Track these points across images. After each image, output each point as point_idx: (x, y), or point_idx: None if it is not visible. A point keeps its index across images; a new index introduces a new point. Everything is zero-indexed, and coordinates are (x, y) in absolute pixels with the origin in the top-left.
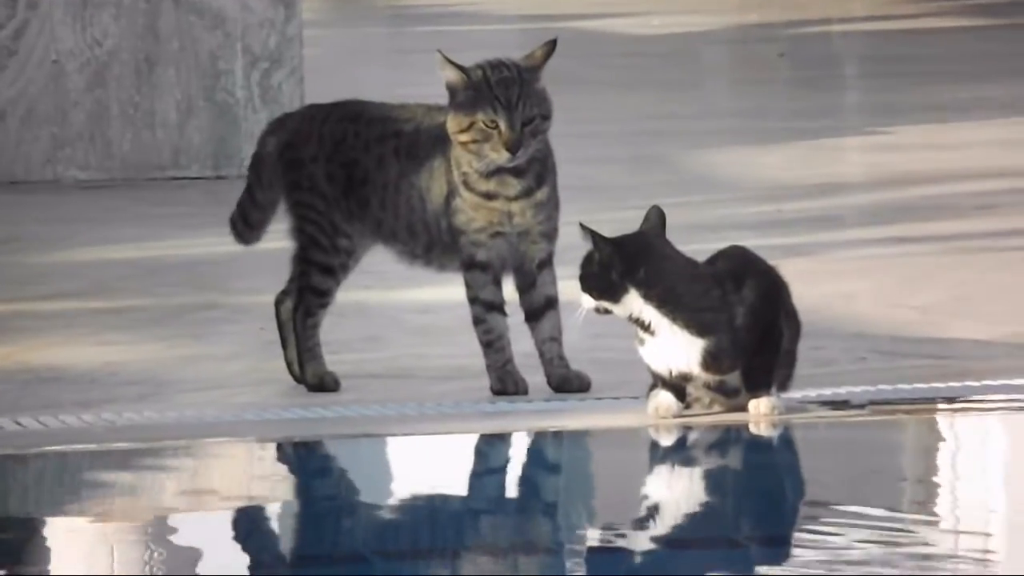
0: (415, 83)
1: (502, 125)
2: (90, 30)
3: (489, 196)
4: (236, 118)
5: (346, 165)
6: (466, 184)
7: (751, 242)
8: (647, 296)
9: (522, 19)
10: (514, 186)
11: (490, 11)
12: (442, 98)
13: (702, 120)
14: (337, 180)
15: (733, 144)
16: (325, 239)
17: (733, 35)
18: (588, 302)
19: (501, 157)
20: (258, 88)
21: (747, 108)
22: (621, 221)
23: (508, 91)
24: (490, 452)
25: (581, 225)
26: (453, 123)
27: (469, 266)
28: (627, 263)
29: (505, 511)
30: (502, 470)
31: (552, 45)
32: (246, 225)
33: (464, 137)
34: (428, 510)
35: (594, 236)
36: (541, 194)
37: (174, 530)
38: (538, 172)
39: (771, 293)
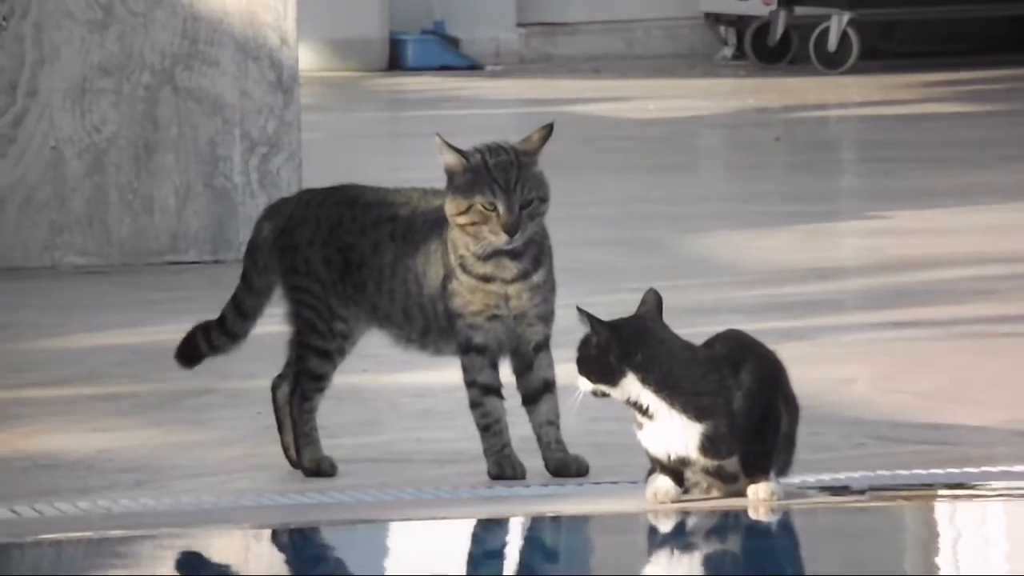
0: (413, 167)
1: (500, 208)
2: (89, 117)
3: (486, 279)
4: (234, 203)
5: (342, 249)
6: (463, 267)
7: (748, 326)
8: (645, 380)
9: (519, 103)
10: (511, 269)
11: (487, 96)
12: (439, 181)
13: (698, 204)
14: (333, 264)
15: (729, 228)
16: (322, 324)
17: (729, 120)
18: (585, 385)
19: (499, 239)
20: (256, 173)
21: (743, 192)
22: (617, 304)
23: (506, 174)
24: (487, 537)
25: (578, 309)
26: (452, 206)
27: (466, 349)
28: (624, 347)
29: None
30: (499, 555)
31: (549, 129)
32: (240, 316)
33: (463, 220)
34: None
35: (591, 320)
36: (538, 277)
37: None
38: (535, 255)
39: (769, 377)
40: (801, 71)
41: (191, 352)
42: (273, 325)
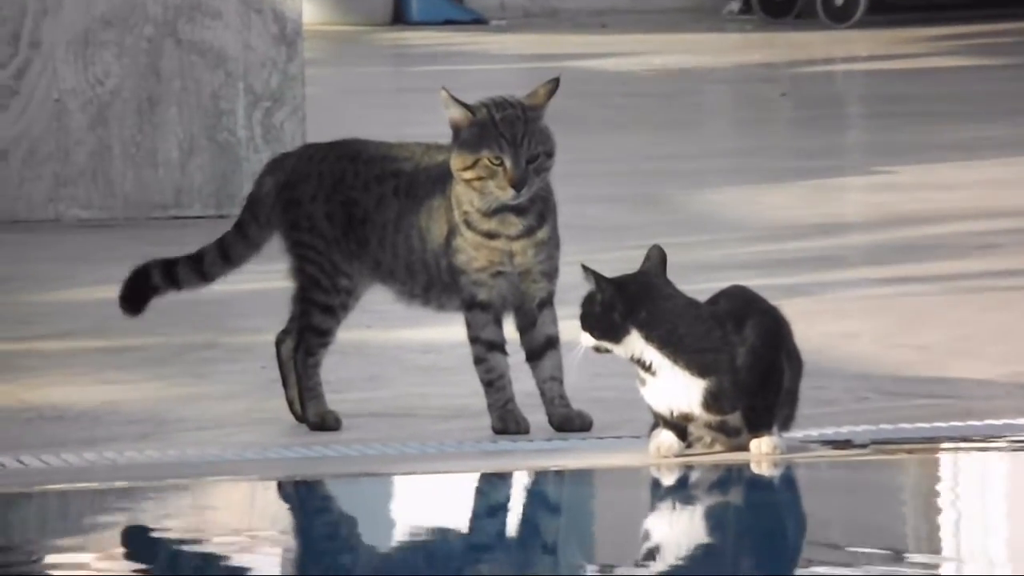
0: (417, 122)
1: (507, 163)
2: (92, 69)
3: (491, 235)
4: (238, 157)
5: (345, 204)
6: (467, 223)
7: (752, 282)
8: (648, 337)
9: (524, 59)
10: (516, 225)
11: (492, 51)
12: (444, 136)
13: (703, 159)
14: (336, 219)
15: (734, 184)
16: (325, 279)
17: (734, 75)
18: (587, 341)
19: (506, 195)
20: (260, 127)
21: (748, 147)
22: (622, 261)
23: (513, 129)
24: (491, 491)
25: (583, 266)
26: (457, 160)
27: (470, 306)
28: (629, 304)
29: (506, 550)
30: (503, 509)
31: (555, 83)
32: (223, 260)
33: (468, 175)
34: (429, 549)
35: (596, 277)
36: (542, 233)
37: (175, 568)
38: (540, 211)
39: (773, 333)
40: (808, 26)
41: (139, 290)
42: (277, 280)
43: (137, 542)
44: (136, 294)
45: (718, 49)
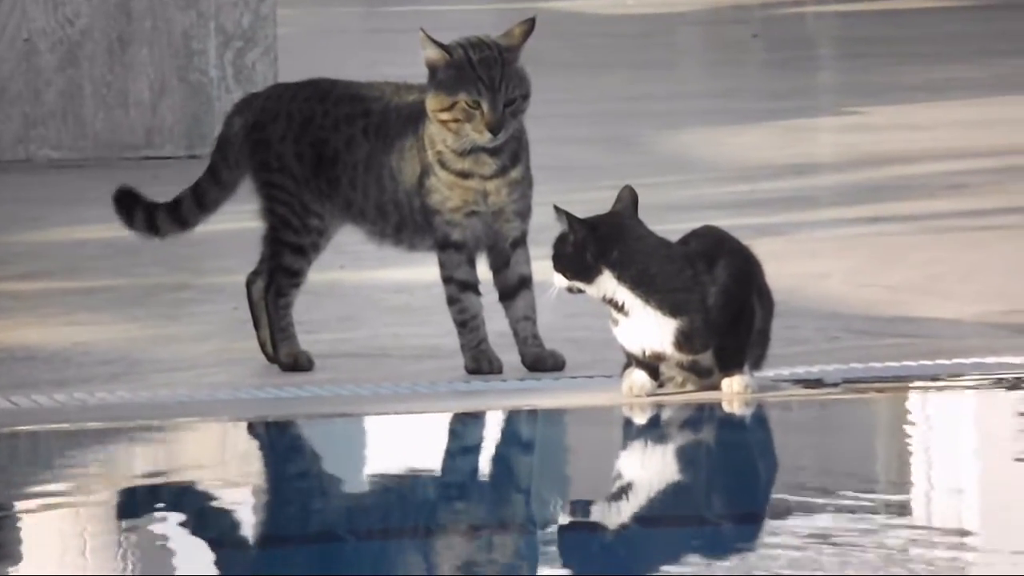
0: (390, 63)
1: (485, 106)
2: (62, 9)
3: (464, 175)
4: (210, 98)
5: (315, 144)
6: (441, 163)
7: (724, 222)
8: (620, 277)
9: None
10: (489, 165)
11: None
12: (417, 78)
13: (675, 101)
14: (306, 160)
15: (706, 124)
16: (296, 219)
17: (707, 16)
18: (561, 282)
19: (483, 138)
20: (232, 68)
21: (720, 89)
22: (594, 201)
23: (491, 71)
24: (464, 431)
25: (555, 207)
26: (434, 102)
27: (443, 246)
28: (600, 244)
29: (479, 490)
30: (476, 449)
31: (531, 24)
32: (199, 207)
33: (445, 116)
34: (402, 489)
35: (568, 217)
36: (516, 173)
37: (147, 509)
38: (513, 151)
39: (744, 272)
40: None
41: (128, 203)
42: (248, 221)
43: (109, 483)
44: (125, 204)
45: None
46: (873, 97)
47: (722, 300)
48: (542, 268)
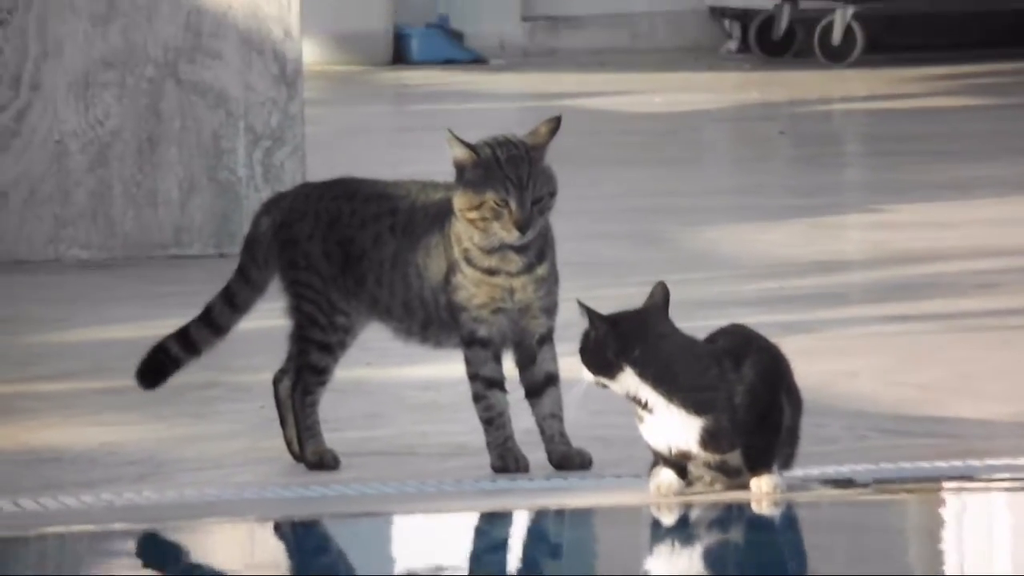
0: (417, 161)
1: (513, 205)
2: (93, 110)
3: (491, 272)
4: (238, 196)
5: (342, 243)
6: (468, 260)
7: (752, 319)
8: (642, 374)
9: (523, 97)
10: (516, 262)
11: (491, 90)
12: (444, 175)
13: (702, 197)
14: (333, 258)
15: (733, 221)
16: (323, 317)
17: (734, 113)
18: (588, 376)
19: (511, 236)
20: (260, 166)
21: (747, 185)
22: (621, 298)
23: (518, 170)
24: (491, 530)
25: (578, 302)
26: (462, 200)
27: (469, 343)
28: (622, 341)
29: None
30: (503, 549)
31: (557, 122)
32: (231, 308)
33: (473, 215)
34: None
35: (590, 313)
36: (542, 270)
37: None
38: (539, 248)
39: (771, 371)
40: (805, 64)
41: (159, 365)
42: (275, 319)
43: None
44: (154, 369)
45: (716, 88)
46: (901, 195)
47: (749, 399)
48: (568, 365)
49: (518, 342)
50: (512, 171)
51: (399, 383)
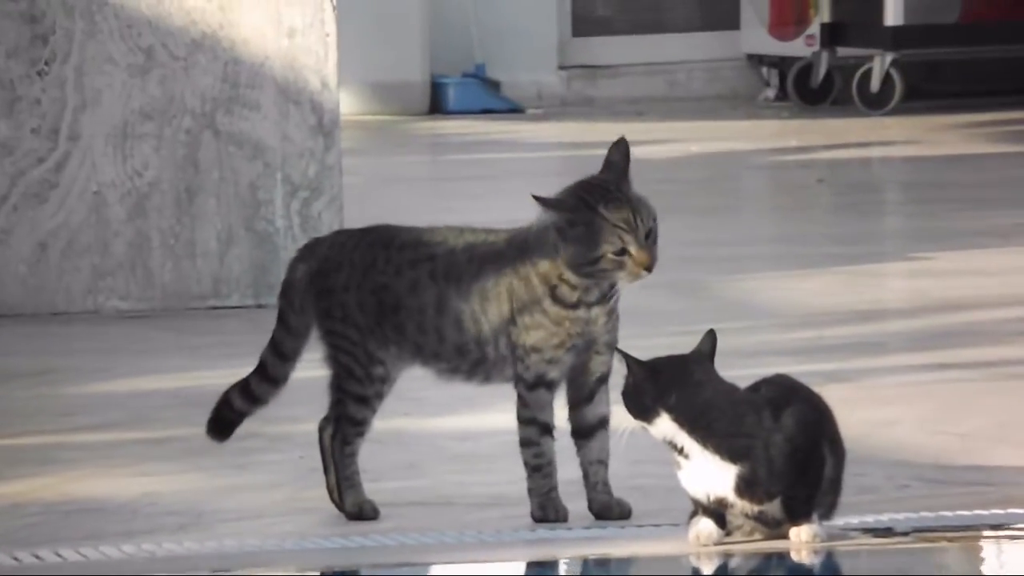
0: (455, 210)
1: (632, 250)
2: (131, 161)
3: (575, 306)
4: (276, 247)
5: (376, 291)
6: (554, 297)
7: (791, 368)
8: (678, 420)
9: (561, 146)
10: (595, 292)
11: (529, 139)
12: (483, 224)
13: (741, 246)
14: (368, 308)
15: (772, 270)
16: (359, 369)
17: (772, 161)
18: (632, 422)
19: (637, 278)
20: (298, 217)
21: (786, 234)
22: (659, 347)
23: (622, 213)
24: None
25: (616, 349)
26: (572, 259)
27: (535, 385)
28: (659, 387)
29: None
30: None
31: (625, 145)
32: (281, 359)
33: (589, 270)
34: None
35: (628, 359)
36: (613, 301)
37: None
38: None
39: (812, 421)
40: (844, 112)
41: (226, 419)
42: (314, 370)
43: None
44: (222, 422)
45: (755, 136)
46: (940, 242)
47: (788, 448)
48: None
49: (573, 380)
50: (617, 217)
51: (436, 433)
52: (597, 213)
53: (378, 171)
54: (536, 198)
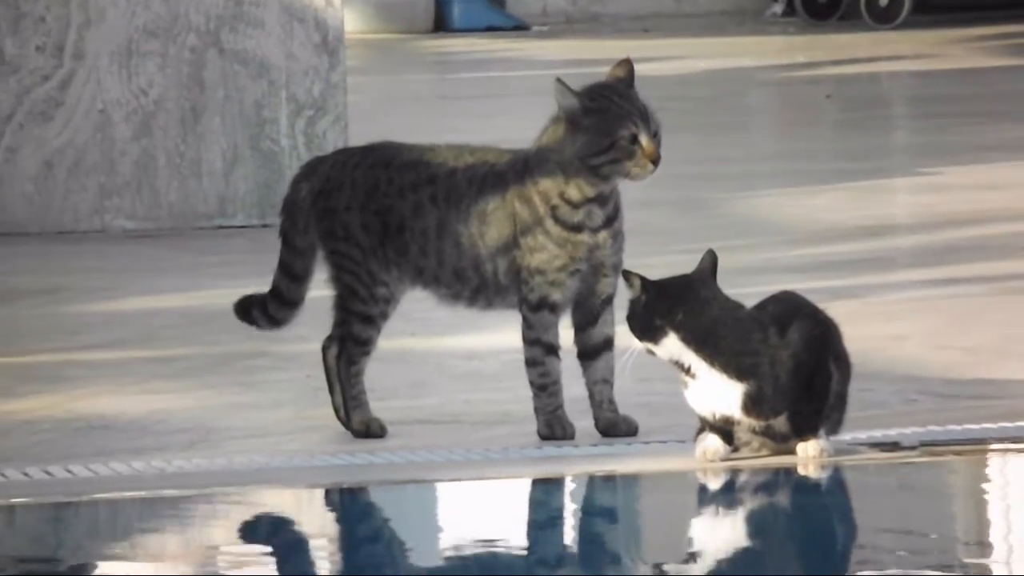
0: (460, 129)
1: (643, 139)
2: (136, 80)
3: (578, 228)
4: (281, 166)
5: (379, 213)
6: (555, 218)
7: (798, 285)
8: (685, 339)
9: (566, 64)
10: (598, 216)
11: (535, 57)
12: (489, 142)
13: (748, 163)
14: (372, 229)
15: (780, 187)
16: (363, 289)
17: (779, 78)
18: (638, 344)
19: (644, 171)
20: (303, 136)
21: (793, 150)
22: (666, 265)
23: (636, 104)
24: (537, 497)
25: (624, 270)
26: (586, 147)
27: (538, 307)
28: (666, 306)
29: (553, 556)
30: (550, 515)
31: (630, 64)
32: (293, 281)
33: (599, 159)
34: (475, 556)
35: (637, 279)
36: (618, 224)
37: None
38: (616, 202)
39: (818, 337)
40: (852, 27)
41: (248, 313)
42: (319, 289)
43: (185, 550)
44: (245, 311)
45: (762, 52)
46: (948, 157)
47: (793, 364)
48: (619, 333)
49: (580, 302)
50: (632, 107)
51: (442, 353)
52: (612, 102)
53: (383, 90)
54: (558, 80)
